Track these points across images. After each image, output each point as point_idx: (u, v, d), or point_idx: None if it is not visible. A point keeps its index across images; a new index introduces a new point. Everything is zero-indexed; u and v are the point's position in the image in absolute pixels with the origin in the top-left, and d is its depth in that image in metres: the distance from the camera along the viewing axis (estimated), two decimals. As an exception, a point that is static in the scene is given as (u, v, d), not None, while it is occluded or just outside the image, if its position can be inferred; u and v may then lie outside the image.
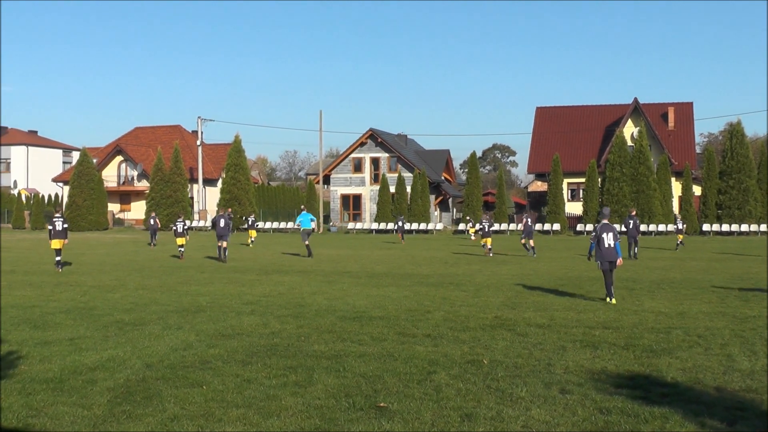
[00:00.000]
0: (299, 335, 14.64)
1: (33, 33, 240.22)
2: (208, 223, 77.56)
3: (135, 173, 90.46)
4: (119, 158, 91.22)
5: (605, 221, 20.08)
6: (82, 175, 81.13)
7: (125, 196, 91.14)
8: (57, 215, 31.56)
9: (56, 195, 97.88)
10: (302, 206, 45.64)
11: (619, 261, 19.65)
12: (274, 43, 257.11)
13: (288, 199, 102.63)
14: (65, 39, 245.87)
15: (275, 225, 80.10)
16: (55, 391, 10.45)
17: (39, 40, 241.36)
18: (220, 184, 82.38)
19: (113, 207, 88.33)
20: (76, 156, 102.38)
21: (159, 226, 52.92)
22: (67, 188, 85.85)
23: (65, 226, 31.10)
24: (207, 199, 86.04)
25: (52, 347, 13.47)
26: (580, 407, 9.59)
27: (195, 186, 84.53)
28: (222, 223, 35.82)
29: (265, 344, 13.70)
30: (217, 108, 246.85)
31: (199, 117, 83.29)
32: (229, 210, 48.13)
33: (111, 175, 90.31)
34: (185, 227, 38.26)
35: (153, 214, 53.92)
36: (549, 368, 11.75)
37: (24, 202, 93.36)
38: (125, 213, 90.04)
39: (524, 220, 41.20)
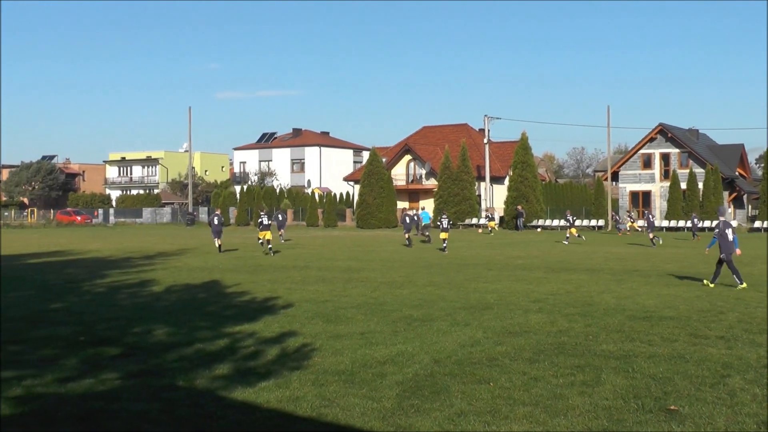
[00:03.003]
0: (587, 334, 14.47)
1: (324, 41, 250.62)
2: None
3: (423, 171, 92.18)
4: (408, 157, 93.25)
5: (723, 218, 22.90)
6: (372, 174, 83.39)
7: (414, 194, 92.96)
8: (262, 213, 41.87)
9: (347, 193, 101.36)
10: (423, 206, 57.59)
11: (738, 251, 22.64)
12: (561, 38, 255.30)
13: (576, 197, 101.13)
14: (354, 46, 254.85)
15: (562, 223, 79.06)
16: (346, 383, 10.83)
17: (331, 48, 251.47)
18: (507, 181, 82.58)
19: (402, 205, 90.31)
20: (365, 155, 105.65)
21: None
22: (357, 187, 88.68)
23: (267, 222, 40.72)
24: (494, 196, 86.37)
25: (343, 341, 13.97)
26: None
27: (482, 184, 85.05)
28: (407, 219, 47.97)
29: (553, 342, 13.63)
30: (504, 106, 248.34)
31: (485, 115, 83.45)
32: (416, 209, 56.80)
33: (400, 173, 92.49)
34: (449, 223, 45.00)
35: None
36: None
37: (317, 200, 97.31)
38: (414, 211, 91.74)
39: (646, 216, 48.34)
